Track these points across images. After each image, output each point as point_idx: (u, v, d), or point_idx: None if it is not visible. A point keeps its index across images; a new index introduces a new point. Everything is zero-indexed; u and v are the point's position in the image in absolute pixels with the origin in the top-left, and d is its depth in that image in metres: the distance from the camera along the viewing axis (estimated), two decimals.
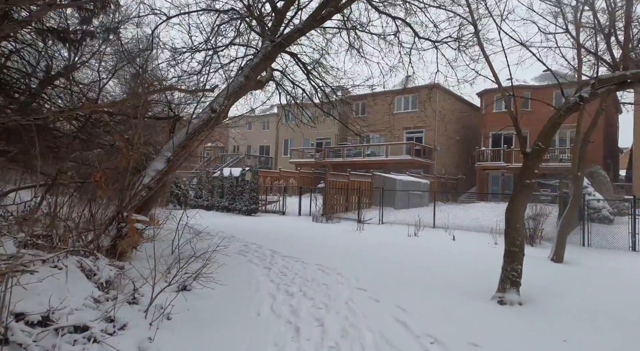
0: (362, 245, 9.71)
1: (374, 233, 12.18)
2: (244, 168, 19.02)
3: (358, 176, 19.16)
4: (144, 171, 6.50)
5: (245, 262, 7.27)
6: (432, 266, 7.32)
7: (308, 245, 9.49)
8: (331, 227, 13.65)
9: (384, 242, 10.40)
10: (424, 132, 26.66)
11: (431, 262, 7.83)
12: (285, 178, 25.96)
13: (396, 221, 14.86)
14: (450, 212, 15.49)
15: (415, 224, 12.71)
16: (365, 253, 8.58)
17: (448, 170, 27.39)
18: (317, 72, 12.01)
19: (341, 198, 17.69)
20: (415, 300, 5.05)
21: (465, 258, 8.28)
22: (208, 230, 11.74)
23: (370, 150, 27.59)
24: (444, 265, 7.46)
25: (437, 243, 10.46)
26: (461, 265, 7.60)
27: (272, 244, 9.43)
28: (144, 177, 6.38)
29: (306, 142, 33.44)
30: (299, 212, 17.59)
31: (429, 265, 7.51)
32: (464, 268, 7.29)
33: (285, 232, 11.84)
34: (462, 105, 29.48)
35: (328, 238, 10.81)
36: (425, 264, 7.57)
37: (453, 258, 8.27)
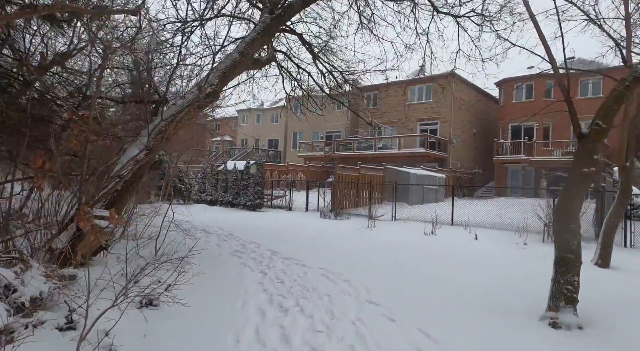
0: (373, 245, 8.65)
1: (386, 231, 11.10)
2: (248, 161, 18.07)
3: (369, 169, 18.06)
4: (117, 158, 5.54)
5: (238, 266, 6.27)
6: (456, 273, 6.23)
7: (313, 245, 8.47)
8: (340, 224, 12.61)
9: (398, 241, 9.32)
10: (439, 123, 25.34)
11: (454, 266, 6.73)
12: (293, 172, 24.98)
13: (410, 217, 13.75)
14: (469, 208, 14.32)
15: (431, 221, 11.59)
16: (378, 256, 7.51)
17: (464, 164, 26.06)
18: (325, 55, 10.93)
19: (351, 193, 16.63)
20: (441, 319, 3.99)
21: (493, 262, 7.16)
22: (205, 227, 10.85)
23: (382, 143, 26.40)
24: (469, 271, 6.37)
25: (457, 243, 9.34)
26: (490, 270, 6.50)
27: (273, 243, 8.44)
28: (117, 165, 5.41)
29: (315, 135, 32.40)
30: (306, 208, 16.59)
31: (452, 270, 6.42)
32: (494, 274, 6.18)
33: (289, 230, 10.84)
34: (479, 96, 28.04)
35: (336, 237, 9.77)
36: (448, 269, 6.48)
37: (479, 262, 7.16)
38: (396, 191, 14.53)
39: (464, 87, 26.06)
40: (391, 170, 18.50)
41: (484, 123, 28.70)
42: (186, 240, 7.26)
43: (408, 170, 18.70)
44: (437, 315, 4.15)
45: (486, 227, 11.78)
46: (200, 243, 8.06)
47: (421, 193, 18.39)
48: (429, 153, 22.92)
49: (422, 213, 13.95)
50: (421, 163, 23.20)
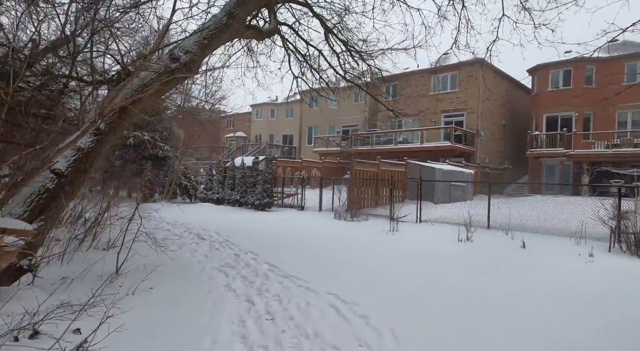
0: (398, 256, 7.00)
1: (411, 235, 9.42)
2: (256, 157, 16.60)
3: (390, 165, 16.33)
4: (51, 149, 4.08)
5: (220, 289, 4.74)
6: (518, 304, 4.53)
7: (323, 256, 6.88)
8: (357, 227, 11.00)
9: (428, 249, 7.64)
10: (465, 115, 23.31)
11: (512, 293, 5.02)
12: (307, 168, 23.46)
13: (438, 219, 12.00)
14: (504, 208, 12.46)
15: (464, 223, 9.85)
16: (405, 272, 5.87)
17: (492, 158, 23.97)
18: (340, 31, 9.31)
19: (369, 191, 14.97)
20: None
21: (566, 284, 5.40)
22: (200, 231, 9.41)
23: (403, 136, 24.54)
24: (543, 304, 4.63)
25: (501, 252, 7.59)
26: (575, 303, 4.74)
27: (274, 254, 6.91)
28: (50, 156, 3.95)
29: (331, 130, 30.78)
30: (320, 207, 15.02)
31: (511, 298, 4.72)
32: (591, 315, 4.46)
33: (297, 235, 9.28)
34: (509, 85, 25.81)
35: (352, 244, 8.16)
36: (504, 297, 4.78)
37: (546, 285, 5.41)
38: (421, 189, 12.78)
39: (493, 76, 23.91)
40: (414, 166, 16.72)
41: (514, 114, 26.46)
42: (160, 254, 5.80)
43: (433, 165, 16.88)
44: None
45: (530, 231, 9.93)
46: (184, 254, 6.61)
47: (448, 190, 16.55)
48: (454, 147, 20.98)
49: (451, 214, 12.20)
50: (446, 158, 21.29)
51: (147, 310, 3.82)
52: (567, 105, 21.58)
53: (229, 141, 43.07)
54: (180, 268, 5.60)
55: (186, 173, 19.40)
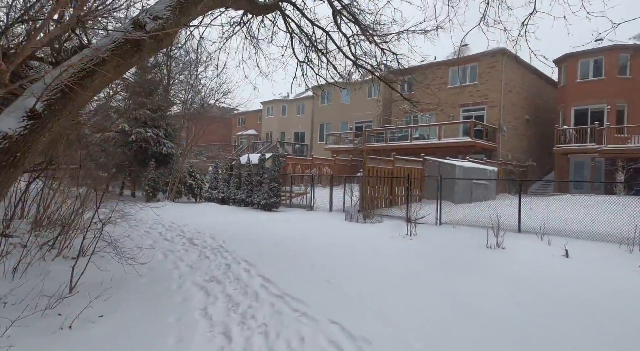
0: (416, 267, 5.90)
1: (432, 240, 8.29)
2: (262, 154, 15.64)
3: (405, 161, 15.16)
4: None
5: (192, 316, 3.73)
6: (582, 336, 3.41)
7: (329, 267, 5.84)
8: (369, 230, 9.91)
9: (452, 258, 6.52)
10: (486, 109, 21.89)
11: (579, 326, 3.88)
12: (318, 166, 22.44)
13: (460, 220, 10.82)
14: (535, 209, 11.19)
15: (491, 226, 8.68)
16: (427, 289, 4.78)
17: (515, 155, 22.50)
18: (350, 13, 8.24)
19: (383, 190, 13.84)
20: None
21: (632, 312, 4.24)
22: (195, 234, 8.45)
23: (419, 132, 23.26)
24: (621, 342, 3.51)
25: (540, 263, 6.41)
26: None
27: (272, 264, 5.90)
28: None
29: (344, 126, 29.68)
30: (330, 207, 13.99)
31: (572, 329, 3.59)
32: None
33: (302, 240, 8.25)
34: (533, 77, 24.26)
35: (363, 252, 7.09)
36: (569, 331, 3.66)
37: (608, 305, 4.26)
38: (441, 187, 11.60)
39: (516, 67, 22.45)
40: (432, 163, 15.52)
41: (538, 108, 24.89)
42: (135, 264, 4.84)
43: (453, 162, 15.64)
44: None
45: (568, 235, 8.68)
46: (165, 265, 5.65)
47: (469, 189, 15.30)
48: (475, 143, 19.63)
49: (474, 215, 11.01)
50: (466, 154, 19.97)
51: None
52: (598, 97, 19.99)
53: (240, 139, 42.37)
54: (153, 283, 4.63)
55: (192, 171, 18.59)
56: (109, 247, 5.71)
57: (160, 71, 19.57)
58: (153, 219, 11.40)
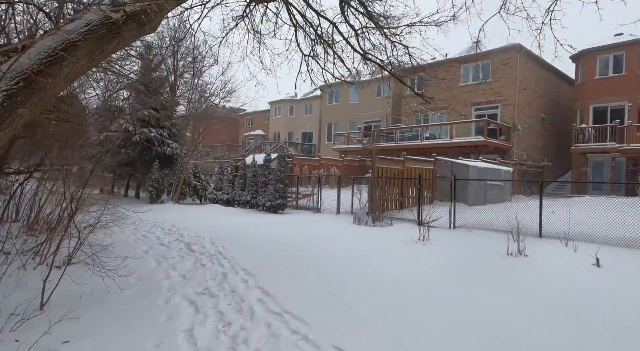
0: (433, 278, 5.34)
1: (446, 246, 7.71)
2: (268, 154, 15.18)
3: (416, 162, 14.57)
4: None
5: (174, 340, 3.22)
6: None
7: (335, 277, 5.30)
8: (379, 234, 9.35)
9: (471, 268, 5.94)
10: (500, 107, 21.14)
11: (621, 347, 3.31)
12: (326, 166, 21.91)
13: (475, 224, 10.20)
14: (559, 212, 10.51)
15: (510, 230, 8.08)
16: (446, 307, 4.22)
17: (530, 155, 21.71)
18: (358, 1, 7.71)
19: (393, 191, 13.27)
20: None
21: None
22: (193, 239, 7.97)
23: (429, 132, 22.59)
24: None
25: (570, 273, 5.80)
26: None
27: (273, 273, 5.39)
28: None
29: (352, 126, 29.11)
30: (337, 209, 13.45)
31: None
32: None
33: (307, 245, 7.74)
34: (549, 74, 23.43)
35: (373, 260, 6.54)
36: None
37: None
38: (455, 189, 11.00)
39: (531, 64, 21.67)
40: (444, 163, 14.89)
41: (554, 106, 24.04)
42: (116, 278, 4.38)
43: (466, 162, 15.00)
44: None
45: (594, 241, 8.01)
46: (156, 274, 5.17)
47: (483, 191, 14.64)
48: (488, 143, 18.91)
49: (489, 218, 10.36)
50: (479, 154, 19.27)
51: None
52: (618, 94, 19.12)
53: (248, 140, 42.03)
54: (137, 297, 4.15)
55: (196, 172, 18.20)
56: (95, 255, 5.27)
57: (167, 69, 19.26)
58: (153, 221, 10.99)
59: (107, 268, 4.28)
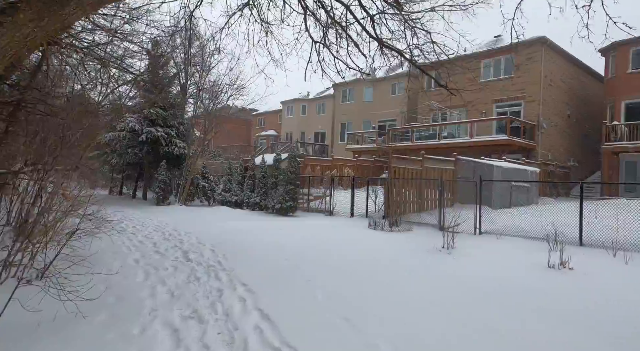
0: (465, 299, 4.48)
1: (476, 257, 6.81)
2: (278, 153, 14.44)
3: (435, 161, 13.64)
4: None
5: None
6: None
7: (350, 297, 4.49)
8: (398, 241, 8.49)
9: (510, 286, 5.05)
10: (523, 104, 19.98)
11: None
12: (339, 167, 21.08)
13: (503, 230, 9.25)
14: (600, 217, 9.47)
15: (545, 238, 7.15)
16: (491, 344, 3.36)
17: (556, 154, 20.48)
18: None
19: (411, 193, 12.37)
20: None
21: None
22: (193, 245, 7.22)
23: (447, 131, 21.54)
24: None
25: (628, 293, 4.86)
26: None
27: (276, 290, 4.62)
28: None
29: (366, 125, 28.23)
30: (351, 212, 12.62)
31: None
32: None
33: (317, 254, 6.94)
34: (575, 69, 22.15)
35: (392, 273, 5.70)
36: None
37: None
38: (481, 192, 10.07)
39: (556, 58, 20.47)
40: (466, 163, 13.92)
41: (580, 102, 22.72)
42: None
43: (490, 162, 14.00)
44: None
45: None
46: (142, 290, 4.45)
47: (508, 193, 13.62)
48: (512, 142, 17.80)
49: (519, 223, 9.39)
50: (501, 154, 18.19)
51: None
52: None
53: (260, 140, 41.50)
54: (108, 325, 3.41)
55: (205, 173, 17.58)
56: (77, 265, 4.58)
57: (177, 66, 18.67)
58: (155, 225, 10.36)
59: (71, 288, 3.54)
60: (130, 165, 17.78)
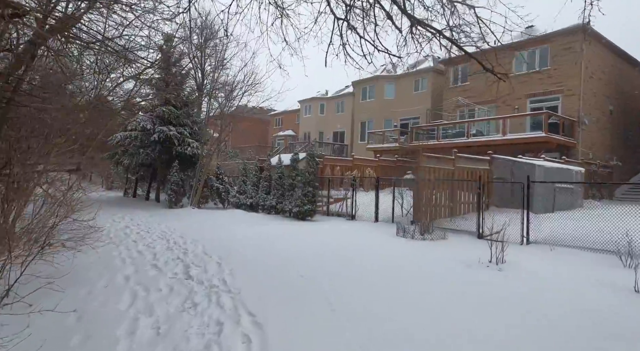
0: (533, 337, 3.32)
1: (533, 274, 5.60)
2: (295, 153, 13.44)
3: (468, 161, 12.38)
4: None
5: None
6: None
7: (380, 331, 3.41)
8: (433, 252, 7.33)
9: (593, 318, 3.86)
10: (561, 98, 18.36)
11: None
12: (360, 167, 19.93)
13: (555, 239, 7.95)
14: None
15: (615, 250, 5.90)
16: None
17: (597, 153, 18.78)
18: None
19: (442, 196, 11.15)
20: None
21: None
22: (197, 257, 6.26)
23: (475, 128, 20.10)
24: None
25: None
26: None
27: (291, 323, 3.58)
28: None
29: (387, 124, 26.99)
30: (376, 217, 11.49)
31: None
32: None
33: (340, 268, 5.87)
34: (618, 60, 20.38)
35: (432, 294, 4.58)
36: None
37: None
38: (528, 194, 8.78)
39: (598, 49, 18.79)
40: (502, 162, 12.60)
41: (623, 96, 20.90)
42: None
43: (532, 161, 12.63)
44: None
45: None
46: (120, 323, 3.49)
47: (551, 195, 12.21)
48: (550, 139, 16.26)
49: (570, 231, 8.04)
50: (537, 153, 16.70)
51: None
52: None
53: (277, 140, 40.73)
54: None
55: (219, 174, 16.75)
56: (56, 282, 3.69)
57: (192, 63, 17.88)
58: (161, 231, 9.50)
59: (33, 318, 2.58)
60: (142, 166, 17.12)
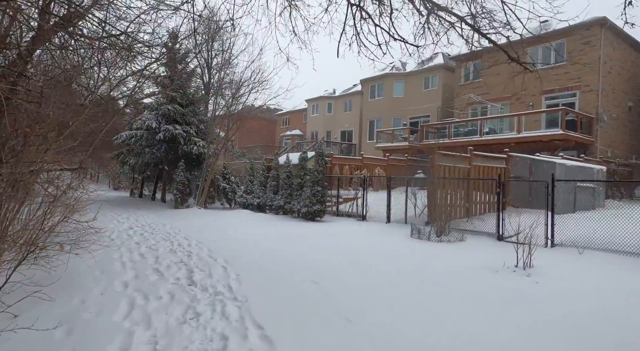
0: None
1: (566, 280, 5.13)
2: (304, 152, 13.04)
3: (483, 159, 11.88)
4: None
5: None
6: None
7: (402, 348, 2.98)
8: (452, 255, 6.87)
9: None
10: (578, 95, 17.74)
11: None
12: (369, 167, 19.47)
13: (581, 241, 7.44)
14: None
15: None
16: None
17: (616, 151, 18.12)
18: None
19: (457, 196, 10.66)
20: None
21: None
22: (201, 261, 5.85)
23: (488, 126, 19.52)
24: None
25: None
26: None
27: (303, 338, 3.16)
28: None
29: (397, 122, 26.49)
30: (388, 218, 11.03)
31: None
32: None
33: (355, 273, 5.44)
34: (636, 55, 19.67)
35: (457, 304, 4.13)
36: None
37: None
38: (553, 193, 8.29)
39: (617, 43, 18.12)
40: (520, 160, 12.07)
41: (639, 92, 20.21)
42: None
43: (552, 159, 12.09)
44: None
45: None
46: (114, 338, 3.09)
47: (572, 195, 11.66)
48: (568, 136, 15.67)
49: (599, 232, 7.51)
50: (553, 151, 16.14)
51: None
52: None
53: (285, 140, 40.40)
54: None
55: (225, 173, 16.41)
56: (48, 289, 3.32)
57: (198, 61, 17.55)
58: (166, 231, 9.15)
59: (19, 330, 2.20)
60: (148, 166, 16.84)
